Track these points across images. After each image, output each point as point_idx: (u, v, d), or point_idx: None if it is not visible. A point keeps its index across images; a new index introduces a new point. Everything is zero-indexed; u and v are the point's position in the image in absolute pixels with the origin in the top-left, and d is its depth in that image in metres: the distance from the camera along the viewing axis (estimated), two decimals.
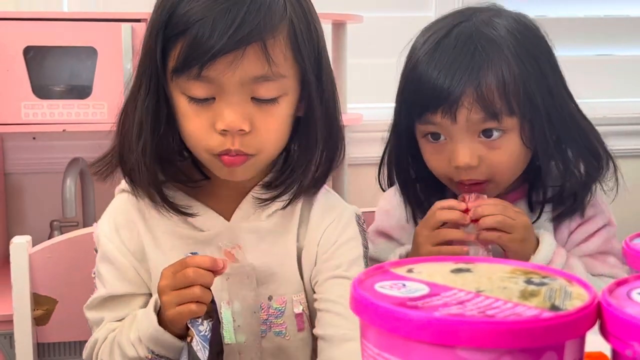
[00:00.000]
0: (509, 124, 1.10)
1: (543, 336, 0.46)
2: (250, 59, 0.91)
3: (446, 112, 1.09)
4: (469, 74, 1.09)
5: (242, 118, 0.93)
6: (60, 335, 1.28)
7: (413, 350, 0.47)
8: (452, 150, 1.11)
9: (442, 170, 1.15)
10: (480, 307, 0.48)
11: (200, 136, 0.95)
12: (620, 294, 0.51)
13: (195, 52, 0.90)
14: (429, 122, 1.12)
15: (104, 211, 1.09)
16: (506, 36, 1.12)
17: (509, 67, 1.10)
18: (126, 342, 0.97)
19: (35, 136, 1.93)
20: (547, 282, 0.54)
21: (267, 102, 0.95)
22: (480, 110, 1.08)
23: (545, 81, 1.13)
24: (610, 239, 1.21)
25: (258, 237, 1.03)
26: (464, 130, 1.10)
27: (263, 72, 0.92)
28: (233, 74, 0.91)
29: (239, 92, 0.93)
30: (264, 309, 1.03)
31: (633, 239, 0.64)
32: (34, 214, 1.96)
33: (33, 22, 1.64)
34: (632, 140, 2.07)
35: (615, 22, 2.24)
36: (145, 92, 0.97)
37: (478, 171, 1.11)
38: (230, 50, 0.90)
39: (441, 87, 1.09)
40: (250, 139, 0.95)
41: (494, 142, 1.11)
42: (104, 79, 1.66)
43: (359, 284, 0.53)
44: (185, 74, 0.92)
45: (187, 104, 0.95)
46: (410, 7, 2.15)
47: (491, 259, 0.59)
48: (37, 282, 1.23)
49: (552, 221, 1.20)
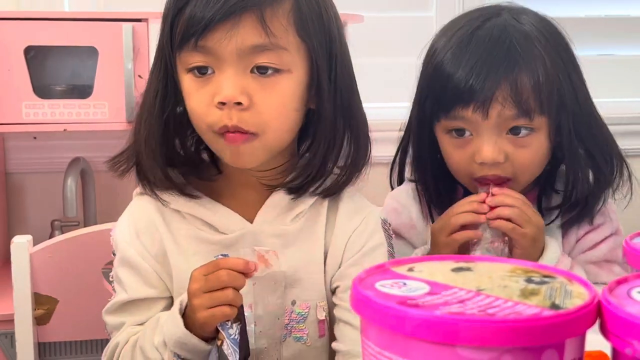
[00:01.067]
0: (538, 123, 1.10)
1: (543, 335, 0.46)
2: (246, 28, 0.91)
3: (478, 107, 1.08)
4: (504, 70, 1.08)
5: (240, 90, 0.92)
6: (61, 335, 1.28)
7: (413, 348, 0.47)
8: (478, 146, 1.10)
9: (463, 166, 1.13)
10: (481, 306, 0.48)
11: (200, 112, 0.95)
12: (621, 293, 0.51)
13: (192, 24, 0.91)
14: (457, 117, 1.10)
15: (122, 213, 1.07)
16: (537, 33, 1.12)
17: (543, 64, 1.09)
18: (149, 347, 0.95)
19: (36, 136, 1.93)
20: (547, 280, 0.54)
21: (266, 76, 0.93)
22: (513, 107, 1.08)
23: (571, 80, 1.13)
24: (617, 248, 1.20)
25: (283, 242, 1.01)
26: (494, 126, 1.09)
27: (260, 41, 0.91)
28: (229, 42, 0.91)
29: (237, 63, 0.92)
30: (287, 313, 1.01)
31: (633, 237, 0.64)
32: (35, 213, 1.96)
33: (34, 21, 1.64)
34: (632, 140, 2.07)
35: (616, 22, 2.24)
36: (156, 78, 0.99)
37: (502, 168, 1.10)
38: (225, 17, 0.90)
39: (474, 81, 1.08)
40: (249, 116, 0.93)
41: (522, 139, 1.10)
42: (105, 79, 1.66)
43: (359, 282, 0.53)
44: (185, 47, 0.93)
45: (191, 81, 0.95)
46: (410, 7, 2.14)
47: (492, 258, 0.60)
48: (38, 282, 1.23)
49: (561, 227, 1.19)
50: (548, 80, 1.09)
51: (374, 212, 1.07)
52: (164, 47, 0.97)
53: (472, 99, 1.08)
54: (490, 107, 1.07)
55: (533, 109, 1.08)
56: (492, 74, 1.08)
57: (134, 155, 1.01)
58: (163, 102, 0.99)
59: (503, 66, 1.08)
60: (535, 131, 1.10)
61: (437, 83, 1.13)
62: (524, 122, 1.09)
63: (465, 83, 1.08)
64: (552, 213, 1.19)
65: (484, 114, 1.08)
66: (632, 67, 2.25)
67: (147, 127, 0.99)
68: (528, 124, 1.09)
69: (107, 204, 1.92)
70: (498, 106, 1.07)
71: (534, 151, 1.11)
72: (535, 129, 1.10)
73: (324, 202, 1.03)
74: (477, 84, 1.07)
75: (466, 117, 1.09)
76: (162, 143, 0.99)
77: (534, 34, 1.12)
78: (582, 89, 1.16)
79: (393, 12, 2.13)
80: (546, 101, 1.09)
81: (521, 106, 1.07)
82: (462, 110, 1.09)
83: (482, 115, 1.08)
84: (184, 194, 1.01)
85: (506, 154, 1.10)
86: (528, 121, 1.09)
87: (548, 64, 1.10)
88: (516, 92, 1.07)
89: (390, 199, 1.27)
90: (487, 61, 1.08)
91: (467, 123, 1.10)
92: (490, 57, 1.09)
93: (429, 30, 1.22)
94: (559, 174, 1.21)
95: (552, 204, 1.19)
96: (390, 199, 1.27)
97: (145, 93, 1.01)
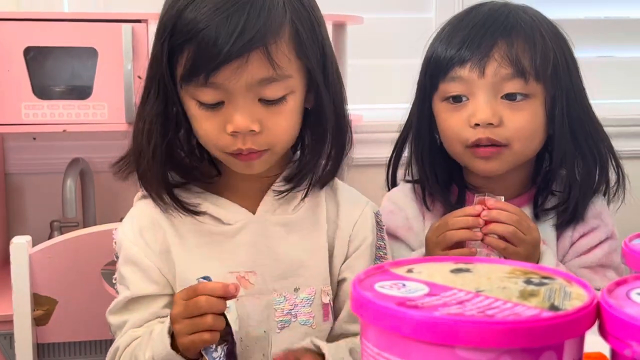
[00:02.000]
0: (533, 89, 1.11)
1: (542, 336, 0.46)
2: (254, 64, 0.93)
3: (475, 65, 1.09)
4: (501, 32, 1.10)
5: (251, 120, 0.95)
6: (60, 336, 1.28)
7: (413, 349, 0.47)
8: (473, 108, 1.11)
9: (457, 132, 1.13)
10: (480, 307, 0.48)
11: (212, 138, 0.98)
12: (620, 294, 0.51)
13: (201, 61, 0.92)
14: (454, 79, 1.12)
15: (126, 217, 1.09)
16: (538, 17, 1.15)
17: (540, 36, 1.12)
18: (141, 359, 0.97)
19: (35, 136, 1.93)
20: (546, 282, 0.54)
21: (274, 103, 0.97)
22: (509, 65, 1.09)
23: (567, 65, 1.14)
24: (612, 253, 1.20)
25: (287, 230, 1.05)
26: (489, 86, 1.10)
27: (268, 74, 0.94)
28: (239, 79, 0.93)
29: (246, 95, 0.95)
30: (289, 300, 1.04)
31: (632, 239, 0.64)
32: (34, 214, 1.96)
33: (34, 22, 1.64)
34: (632, 142, 2.07)
35: (616, 24, 2.24)
36: (155, 97, 1.00)
37: (497, 132, 1.10)
38: (234, 57, 0.92)
39: (472, 41, 1.10)
40: (262, 138, 0.97)
41: (518, 104, 1.10)
42: (104, 80, 1.66)
43: (359, 283, 0.53)
44: (193, 81, 0.95)
45: (198, 108, 0.97)
46: (410, 9, 2.15)
47: (491, 259, 0.60)
48: (37, 283, 1.23)
49: (555, 228, 1.19)
50: (545, 50, 1.11)
51: (370, 204, 1.12)
52: (163, 72, 0.97)
53: (469, 57, 1.10)
54: (487, 65, 1.09)
55: (529, 72, 1.10)
56: (490, 34, 1.11)
57: (135, 160, 1.03)
58: (165, 123, 1.00)
59: (500, 29, 1.11)
60: (531, 97, 1.11)
61: (434, 60, 1.15)
62: (519, 84, 1.10)
63: (462, 45, 1.11)
64: (548, 214, 1.19)
65: (480, 72, 1.10)
66: (631, 69, 2.25)
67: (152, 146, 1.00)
68: (523, 88, 1.10)
69: (107, 204, 1.92)
70: (494, 63, 1.09)
71: (529, 117, 1.11)
72: (531, 95, 1.11)
73: (321, 192, 1.07)
74: (474, 42, 1.10)
75: (463, 77, 1.11)
76: (167, 159, 1.02)
77: (535, 17, 1.15)
78: (577, 80, 1.17)
79: (393, 14, 2.13)
80: (541, 69, 1.11)
81: (517, 66, 1.09)
82: (459, 70, 1.11)
83: (478, 73, 1.10)
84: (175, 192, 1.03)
85: (501, 117, 1.10)
86: (523, 84, 1.10)
87: (546, 38, 1.12)
88: (512, 51, 1.09)
89: (386, 201, 1.27)
90: (486, 24, 1.12)
91: (464, 83, 1.11)
92: (488, 21, 1.12)
93: (428, 31, 1.22)
94: (555, 176, 1.21)
95: (549, 206, 1.19)
96: (386, 200, 1.28)
97: (143, 110, 1.02)
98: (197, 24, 0.92)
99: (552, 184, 1.20)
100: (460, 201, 1.20)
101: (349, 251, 1.07)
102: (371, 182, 1.29)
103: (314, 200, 1.07)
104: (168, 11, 0.97)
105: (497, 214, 1.05)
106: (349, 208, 1.09)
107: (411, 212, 1.23)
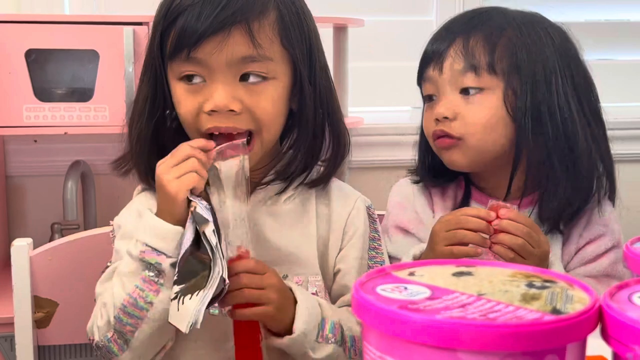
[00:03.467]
0: (488, 82, 1.14)
1: (544, 339, 0.46)
2: (236, 40, 0.97)
3: (437, 64, 1.16)
4: (462, 29, 1.16)
5: (231, 98, 0.99)
6: (61, 338, 1.28)
7: (414, 353, 0.47)
8: (437, 104, 1.17)
9: (427, 127, 1.20)
10: (482, 311, 0.48)
11: (190, 118, 1.01)
12: (622, 298, 0.51)
13: (184, 36, 0.97)
14: (425, 80, 1.19)
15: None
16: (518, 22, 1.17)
17: (505, 30, 1.15)
18: (122, 267, 0.98)
19: (36, 139, 1.93)
20: (548, 285, 0.54)
21: (255, 84, 1.00)
22: (461, 61, 1.14)
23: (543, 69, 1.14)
24: (617, 263, 1.19)
25: (277, 221, 1.08)
26: (448, 82, 1.16)
27: (249, 52, 0.98)
28: (219, 53, 0.97)
29: (227, 73, 0.98)
30: None
31: (634, 242, 0.64)
32: (35, 216, 1.96)
33: (35, 25, 1.64)
34: (632, 145, 2.07)
35: (616, 27, 2.24)
36: (147, 81, 1.05)
37: (450, 125, 1.15)
38: (216, 31, 0.96)
39: (436, 42, 1.18)
40: (244, 117, 1.00)
41: (472, 97, 1.14)
42: (105, 82, 1.66)
43: (360, 286, 0.53)
44: (177, 57, 0.99)
45: (181, 89, 1.01)
46: (411, 11, 2.15)
47: (493, 263, 0.60)
48: (38, 285, 1.23)
49: (561, 233, 1.19)
50: (506, 43, 1.14)
51: (361, 197, 1.15)
52: (154, 55, 1.03)
53: (433, 58, 1.17)
54: (444, 62, 1.16)
55: (481, 66, 1.14)
56: (451, 34, 1.17)
57: (131, 157, 1.07)
58: (152, 106, 1.05)
59: (463, 28, 1.17)
60: (486, 91, 1.14)
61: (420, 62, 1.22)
62: (471, 78, 1.14)
63: (431, 45, 1.19)
64: (551, 218, 1.18)
65: (439, 70, 1.16)
66: (632, 72, 2.25)
67: (137, 129, 1.05)
68: (476, 82, 1.14)
69: (108, 207, 1.92)
70: (450, 60, 1.16)
71: (484, 111, 1.14)
72: (486, 88, 1.14)
73: (311, 189, 1.11)
74: (437, 44, 1.18)
75: (430, 77, 1.18)
76: (153, 143, 1.05)
77: (515, 21, 1.17)
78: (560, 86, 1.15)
79: (394, 16, 2.13)
80: (499, 62, 1.14)
81: (468, 60, 1.14)
82: (427, 71, 1.18)
83: (438, 71, 1.16)
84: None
85: (456, 111, 1.15)
86: (475, 77, 1.14)
87: (513, 31, 1.15)
88: (466, 47, 1.14)
89: (394, 195, 1.27)
90: (452, 25, 1.19)
91: (432, 83, 1.18)
92: (454, 22, 1.19)
93: (429, 34, 1.22)
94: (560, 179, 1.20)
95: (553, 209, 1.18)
96: (393, 195, 1.27)
97: (136, 97, 1.08)
98: (185, 2, 0.98)
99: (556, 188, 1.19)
100: (467, 198, 1.22)
101: (342, 243, 1.10)
102: (372, 184, 1.30)
103: (305, 194, 1.10)
104: (162, 2, 1.03)
105: (507, 224, 1.03)
106: (341, 202, 1.12)
107: (420, 204, 1.24)
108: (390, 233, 1.23)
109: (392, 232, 1.23)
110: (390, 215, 1.25)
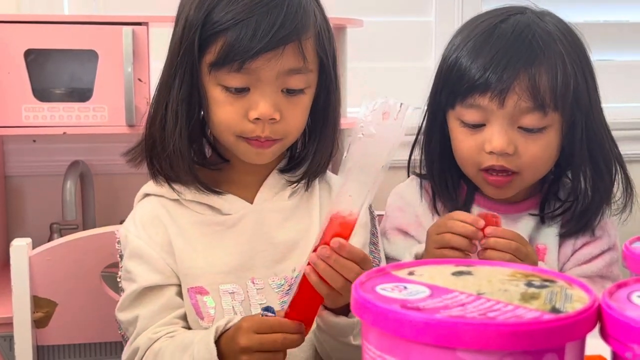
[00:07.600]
0: (551, 120, 1.11)
1: (544, 338, 0.46)
2: (288, 56, 1.02)
3: (495, 96, 1.10)
4: (524, 62, 1.10)
5: (274, 108, 1.03)
6: (60, 338, 1.28)
7: (414, 352, 0.47)
8: (489, 135, 1.12)
9: (471, 155, 1.15)
10: (481, 310, 0.48)
11: (232, 123, 1.04)
12: (621, 297, 0.51)
13: (237, 49, 1.00)
14: (473, 105, 1.13)
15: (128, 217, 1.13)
16: (559, 33, 1.15)
17: (562, 62, 1.12)
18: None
19: (35, 139, 1.92)
20: (547, 284, 0.54)
21: (295, 94, 1.05)
22: (529, 99, 1.10)
23: (587, 83, 1.14)
24: (612, 265, 1.20)
25: (283, 216, 1.11)
26: (507, 116, 1.11)
27: (298, 65, 1.03)
28: (272, 68, 1.01)
29: (273, 84, 1.03)
30: (288, 280, 1.08)
31: (633, 242, 0.64)
32: (34, 216, 1.95)
33: (34, 25, 1.64)
34: (632, 145, 2.07)
35: (615, 28, 2.25)
36: (180, 83, 1.05)
37: (510, 160, 1.12)
38: (271, 48, 1.00)
39: (494, 70, 1.10)
40: (279, 127, 1.04)
41: (534, 135, 1.12)
42: (104, 82, 1.66)
43: (360, 285, 0.53)
44: (226, 67, 1.01)
45: (222, 94, 1.03)
46: (410, 12, 2.14)
47: (492, 262, 0.60)
48: (37, 285, 1.23)
49: (559, 236, 1.19)
50: (565, 78, 1.11)
51: None
52: (193, 58, 1.03)
53: (490, 87, 1.10)
54: (507, 97, 1.10)
55: (548, 104, 1.10)
56: (512, 65, 1.10)
57: (148, 149, 1.08)
58: (189, 107, 1.06)
59: (523, 59, 1.11)
60: (547, 128, 1.12)
61: (455, 73, 1.15)
62: (537, 117, 1.10)
63: (485, 72, 1.11)
64: (553, 220, 1.19)
65: (500, 103, 1.10)
66: (631, 73, 2.25)
67: (177, 128, 1.05)
68: (541, 122, 1.11)
69: (107, 207, 1.92)
70: (515, 97, 1.10)
71: (544, 147, 1.12)
72: (548, 126, 1.12)
73: (314, 183, 1.14)
74: (496, 73, 1.10)
75: (482, 105, 1.11)
76: (189, 142, 1.07)
77: (556, 34, 1.14)
78: (595, 94, 1.17)
79: (393, 17, 2.13)
80: (561, 99, 1.11)
81: (537, 100, 1.10)
82: (479, 98, 1.11)
83: (498, 104, 1.10)
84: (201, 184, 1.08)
85: (516, 147, 1.11)
86: (542, 116, 1.10)
87: (567, 63, 1.12)
88: (534, 85, 1.09)
89: (395, 197, 1.27)
90: (508, 53, 1.11)
91: (482, 112, 1.12)
92: (511, 49, 1.11)
93: (428, 35, 1.22)
94: (562, 183, 1.21)
95: (554, 213, 1.19)
96: (394, 196, 1.27)
97: (163, 91, 1.07)
98: (236, 16, 1.00)
99: (559, 192, 1.20)
100: (469, 201, 1.21)
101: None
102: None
103: (309, 191, 1.13)
104: (200, 3, 1.03)
105: (494, 242, 1.03)
106: None
107: (420, 207, 1.23)
108: (389, 235, 1.23)
109: (390, 234, 1.23)
110: (389, 218, 1.25)
